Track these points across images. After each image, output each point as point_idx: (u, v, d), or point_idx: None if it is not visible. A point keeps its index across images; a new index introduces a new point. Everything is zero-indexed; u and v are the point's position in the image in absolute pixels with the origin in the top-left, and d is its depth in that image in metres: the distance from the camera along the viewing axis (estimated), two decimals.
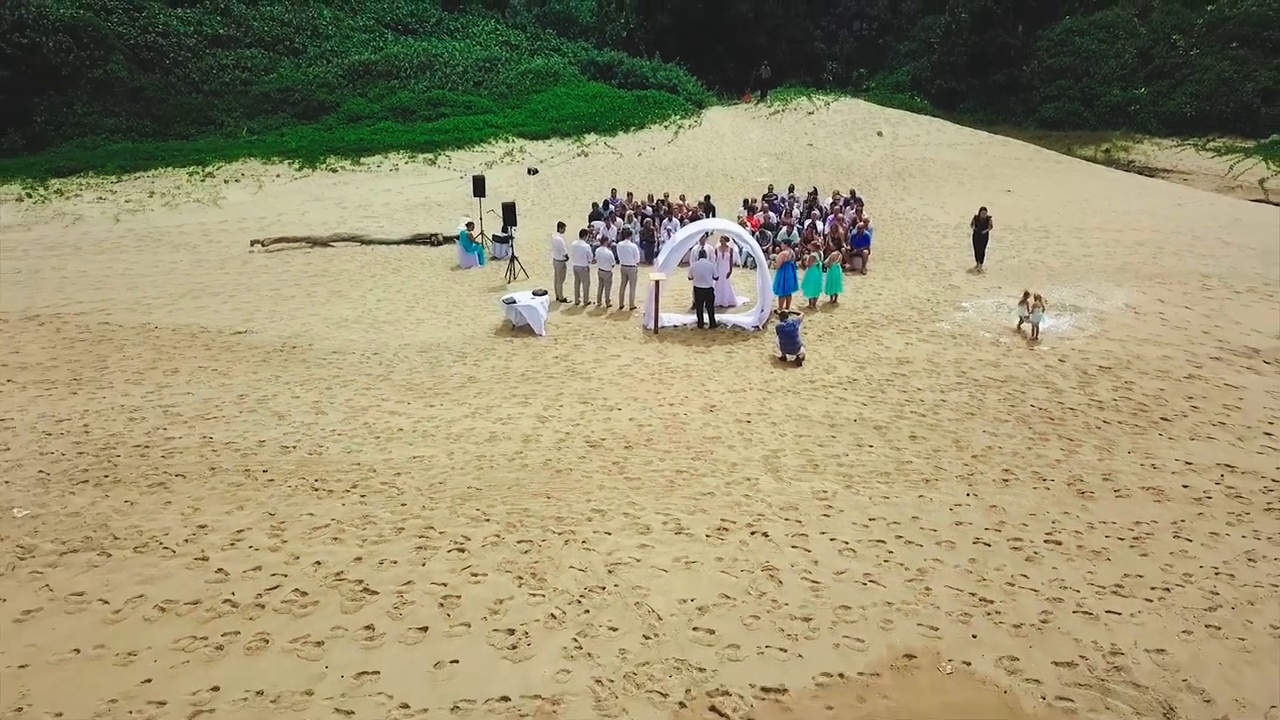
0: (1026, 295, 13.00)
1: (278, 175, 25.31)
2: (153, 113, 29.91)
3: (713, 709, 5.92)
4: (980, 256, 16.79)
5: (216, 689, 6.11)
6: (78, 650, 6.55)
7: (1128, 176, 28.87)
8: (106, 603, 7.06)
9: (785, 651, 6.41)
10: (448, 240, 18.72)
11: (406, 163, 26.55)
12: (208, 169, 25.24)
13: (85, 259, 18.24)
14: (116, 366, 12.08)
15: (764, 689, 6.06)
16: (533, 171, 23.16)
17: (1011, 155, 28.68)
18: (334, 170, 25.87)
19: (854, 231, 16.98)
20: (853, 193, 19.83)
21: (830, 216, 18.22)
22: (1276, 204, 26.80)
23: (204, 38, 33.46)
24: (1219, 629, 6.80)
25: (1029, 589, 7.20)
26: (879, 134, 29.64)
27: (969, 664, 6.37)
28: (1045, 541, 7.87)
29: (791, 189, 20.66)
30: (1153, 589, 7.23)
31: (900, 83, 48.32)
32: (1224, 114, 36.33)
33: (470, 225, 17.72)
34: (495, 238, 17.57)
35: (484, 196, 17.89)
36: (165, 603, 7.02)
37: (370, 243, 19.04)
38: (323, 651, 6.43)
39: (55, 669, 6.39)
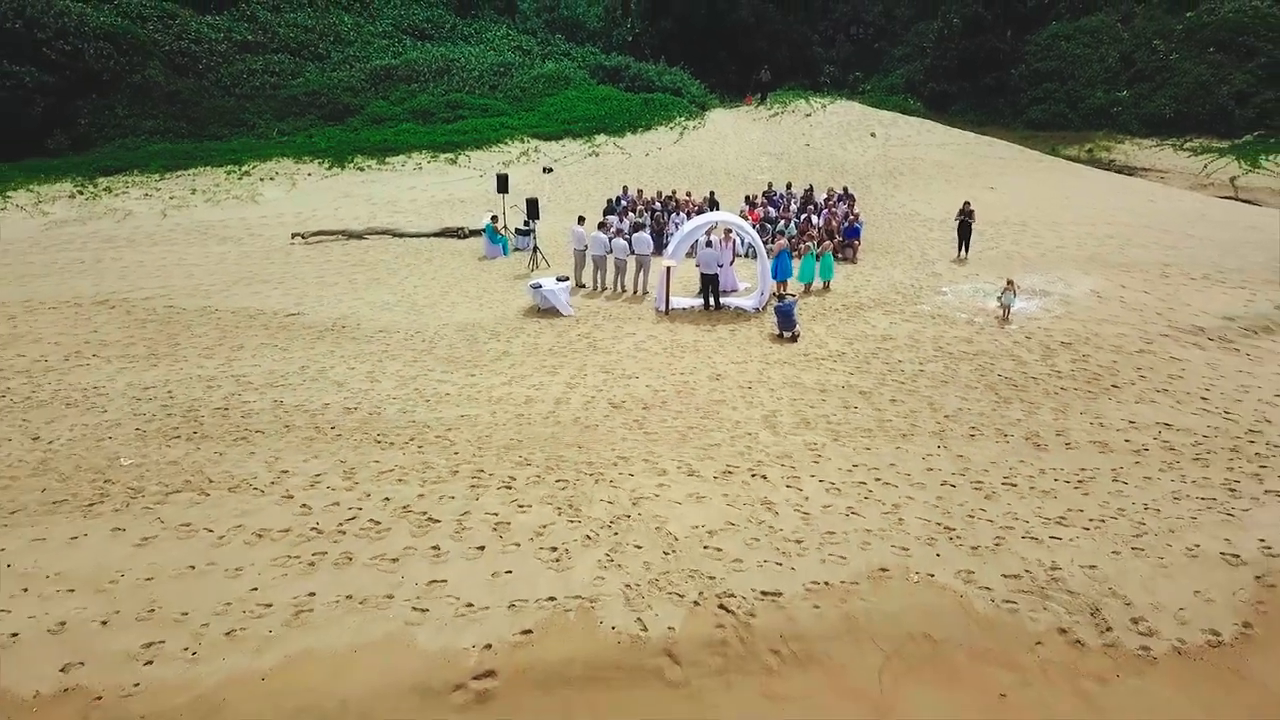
0: (1010, 284, 14.13)
1: (309, 174, 26.45)
2: (188, 115, 31.04)
3: (721, 606, 7.10)
4: (965, 247, 17.90)
5: (313, 594, 7.29)
6: (192, 567, 7.74)
7: (1106, 175, 29.93)
8: (211, 531, 8.25)
9: (780, 565, 7.58)
10: (474, 233, 19.86)
11: (429, 162, 27.68)
12: (244, 168, 26.39)
13: (140, 250, 19.40)
14: (187, 343, 13.26)
15: (763, 592, 7.23)
16: (548, 170, 24.26)
17: (996, 155, 29.74)
18: (361, 169, 27.01)
19: (846, 224, 18.13)
20: (845, 189, 20.91)
21: (824, 211, 19.35)
22: (1245, 201, 27.84)
23: (234, 44, 34.53)
24: (1143, 550, 7.96)
25: (986, 520, 8.36)
26: (872, 135, 30.70)
27: (932, 575, 7.54)
28: (1002, 483, 9.03)
29: (789, 186, 21.76)
30: (1090, 520, 8.38)
31: (894, 85, 49.23)
32: (1201, 115, 37.26)
33: (495, 219, 18.87)
34: (518, 230, 18.70)
35: (507, 193, 19.06)
36: (261, 530, 8.20)
37: (402, 235, 20.19)
38: (398, 566, 7.61)
39: (176, 581, 7.58)
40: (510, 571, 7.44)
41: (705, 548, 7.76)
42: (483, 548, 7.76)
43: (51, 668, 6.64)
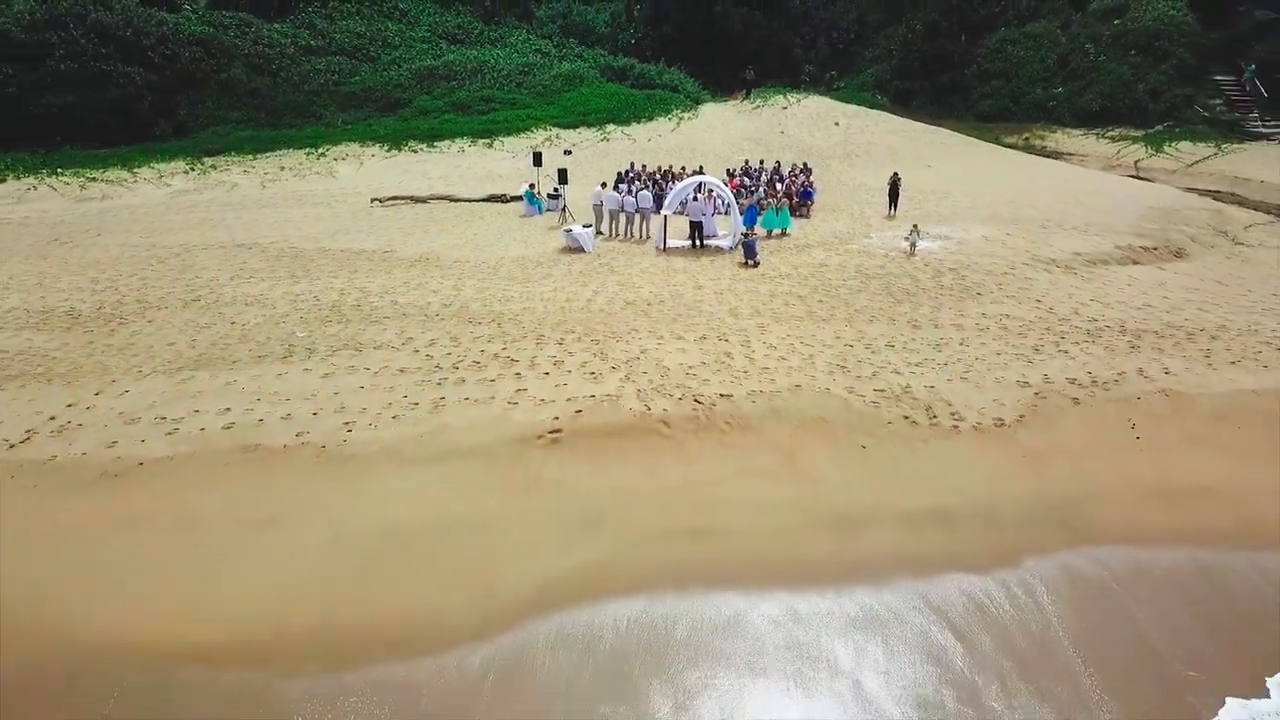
0: (915, 228, 17.69)
1: (373, 155, 29.77)
2: (266, 107, 34.23)
3: (696, 400, 10.68)
4: (894, 206, 21.38)
5: (443, 398, 10.87)
6: (362, 387, 11.29)
7: (1030, 157, 33.13)
8: (369, 369, 11.80)
9: (733, 382, 11.14)
10: (514, 199, 23.27)
11: (470, 146, 30.96)
12: (319, 150, 29.69)
13: (252, 212, 22.83)
14: (315, 270, 16.77)
15: (721, 394, 10.80)
16: (567, 153, 27.45)
17: (939, 141, 32.97)
18: (415, 151, 30.31)
19: (801, 189, 21.60)
20: (805, 164, 24.19)
21: (786, 179, 22.76)
22: (1143, 178, 31.09)
23: (299, 47, 37.55)
24: (967, 379, 11.50)
25: (869, 364, 11.91)
26: (836, 124, 33.89)
27: (828, 389, 11.09)
28: (885, 345, 12.56)
29: (761, 162, 25.03)
30: (937, 364, 11.93)
31: (865, 83, 52.11)
32: (1121, 109, 40.28)
33: (531, 186, 22.34)
34: (550, 195, 22.07)
35: (541, 166, 22.53)
36: (402, 368, 11.75)
37: (457, 200, 23.57)
38: (495, 383, 11.18)
39: (353, 394, 11.12)
40: (566, 384, 11.04)
41: (686, 373, 11.35)
42: (548, 373, 11.36)
43: (289, 435, 10.23)
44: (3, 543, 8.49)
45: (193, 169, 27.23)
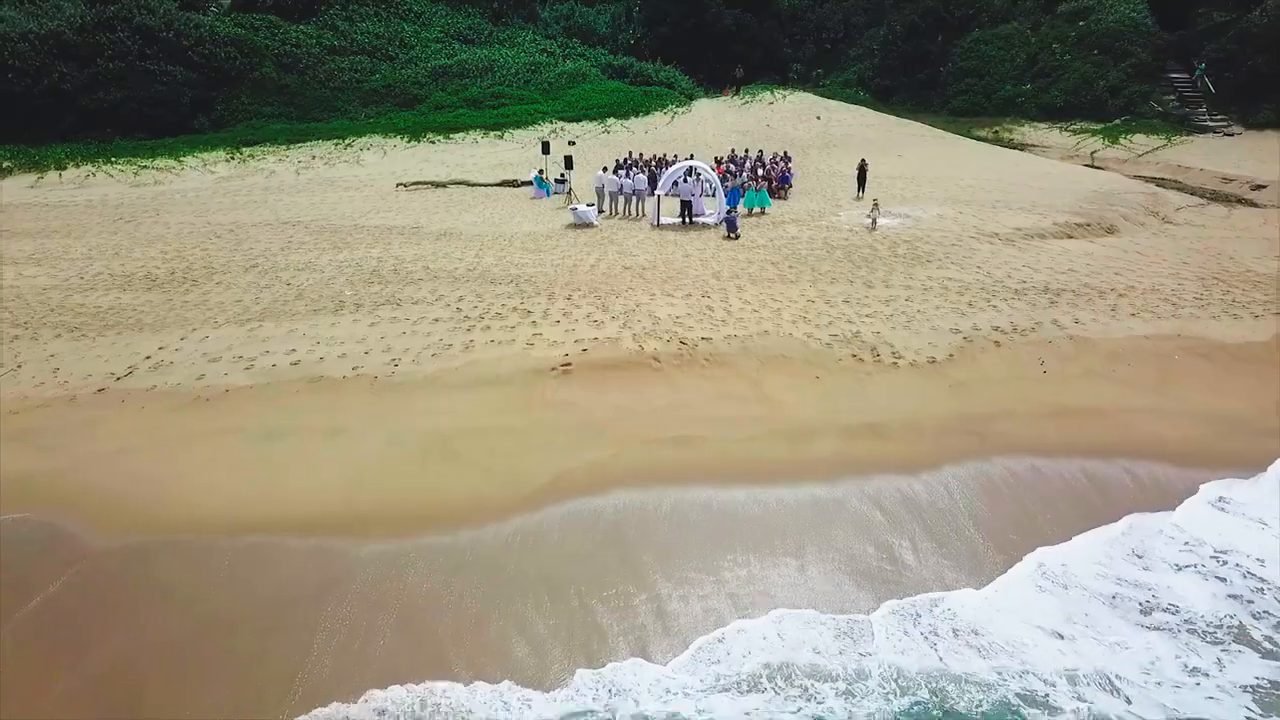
0: (875, 204, 19.32)
1: (394, 145, 31.27)
2: (295, 103, 35.65)
3: (681, 342, 12.36)
4: (861, 189, 22.96)
5: (473, 340, 12.54)
6: (404, 333, 12.95)
7: (993, 148, 34.58)
8: (409, 319, 13.46)
9: (713, 328, 12.81)
10: (524, 183, 24.86)
11: (482, 138, 32.45)
12: (346, 141, 31.19)
13: (291, 195, 24.40)
14: (354, 242, 18.39)
15: (702, 338, 12.47)
16: (571, 144, 28.92)
17: (910, 133, 34.49)
18: (433, 142, 31.80)
19: (780, 173, 23.22)
20: (785, 153, 25.72)
21: (768, 165, 24.33)
22: (1096, 167, 32.54)
23: (324, 48, 38.96)
24: (908, 327, 13.16)
25: (827, 315, 13.57)
26: (818, 118, 35.38)
27: (791, 334, 12.76)
28: (842, 301, 14.21)
29: (746, 151, 26.56)
30: (884, 315, 13.58)
31: (849, 80, 53.39)
32: (1083, 105, 41.68)
33: (541, 172, 23.95)
34: (557, 180, 23.68)
35: (549, 154, 24.12)
36: (436, 319, 13.42)
37: (474, 185, 25.13)
38: (515, 329, 12.84)
39: (396, 338, 12.77)
40: (574, 330, 12.71)
41: (674, 322, 13.02)
42: (558, 321, 13.04)
43: (346, 368, 11.90)
44: (125, 446, 10.20)
45: (233, 158, 28.76)
